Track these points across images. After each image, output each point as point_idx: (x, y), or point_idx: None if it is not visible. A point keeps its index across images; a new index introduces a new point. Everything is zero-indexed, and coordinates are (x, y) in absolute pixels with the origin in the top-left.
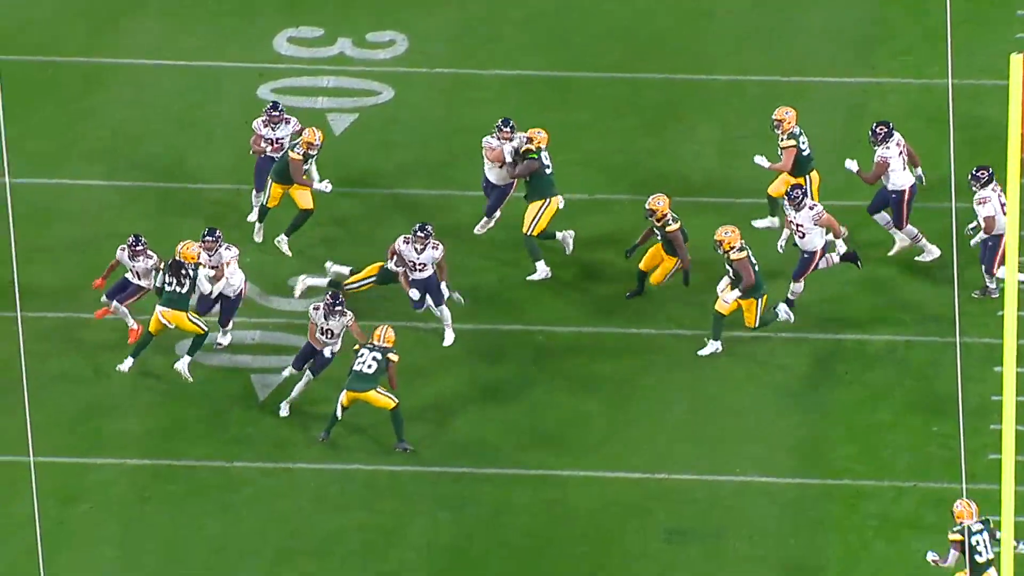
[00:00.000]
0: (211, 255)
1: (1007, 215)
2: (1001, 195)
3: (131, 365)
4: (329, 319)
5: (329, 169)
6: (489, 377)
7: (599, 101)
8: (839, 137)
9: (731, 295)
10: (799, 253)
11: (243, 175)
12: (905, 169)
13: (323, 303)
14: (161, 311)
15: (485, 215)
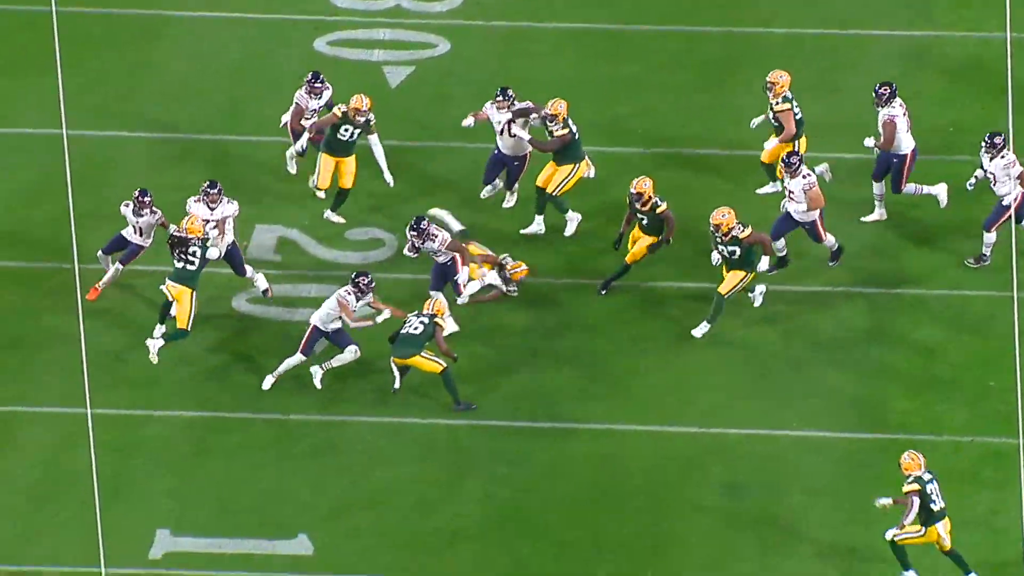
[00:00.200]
0: (213, 208)
1: None
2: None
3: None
4: (359, 302)
5: (384, 122)
6: (546, 332)
7: (654, 54)
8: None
9: (762, 265)
10: (785, 216)
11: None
12: (908, 131)
13: (354, 288)
14: (169, 284)
15: (507, 189)
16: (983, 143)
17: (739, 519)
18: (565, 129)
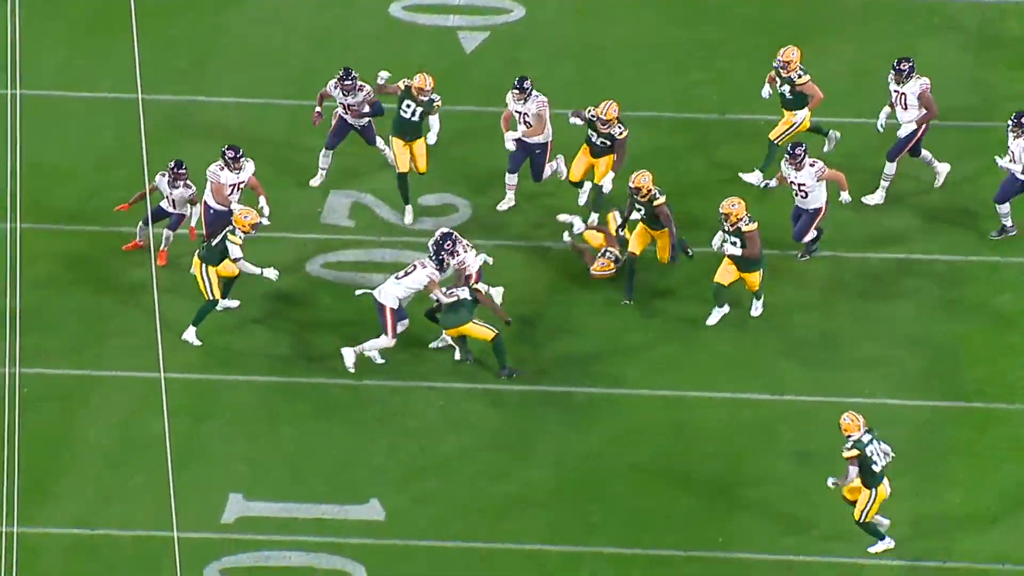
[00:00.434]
0: (239, 172)
1: None
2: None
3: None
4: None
5: (459, 87)
6: (618, 298)
7: (731, 19)
8: (972, 58)
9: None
10: (802, 212)
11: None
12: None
13: (436, 264)
14: (196, 261)
15: (535, 179)
16: (1010, 121)
17: (810, 487)
18: (624, 131)
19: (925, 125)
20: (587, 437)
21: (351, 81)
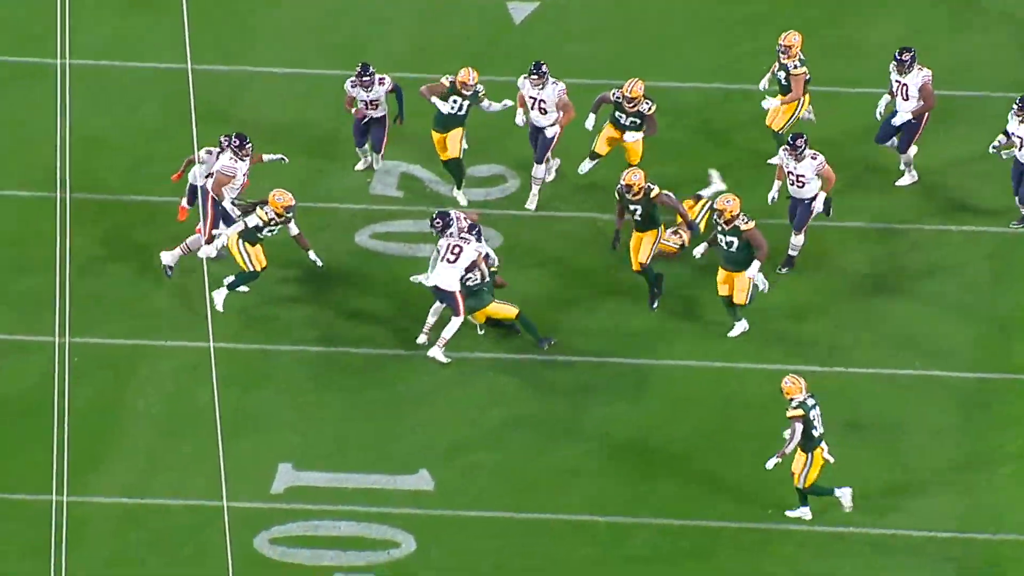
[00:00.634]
0: (246, 160)
1: None
2: None
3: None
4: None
5: (507, 58)
6: (666, 271)
7: None
8: (1018, 40)
9: (754, 269)
10: (798, 204)
11: (422, 64)
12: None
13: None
14: (233, 237)
15: (535, 163)
16: (1014, 105)
17: (861, 458)
18: (652, 105)
19: (926, 117)
20: (635, 408)
21: (369, 77)
